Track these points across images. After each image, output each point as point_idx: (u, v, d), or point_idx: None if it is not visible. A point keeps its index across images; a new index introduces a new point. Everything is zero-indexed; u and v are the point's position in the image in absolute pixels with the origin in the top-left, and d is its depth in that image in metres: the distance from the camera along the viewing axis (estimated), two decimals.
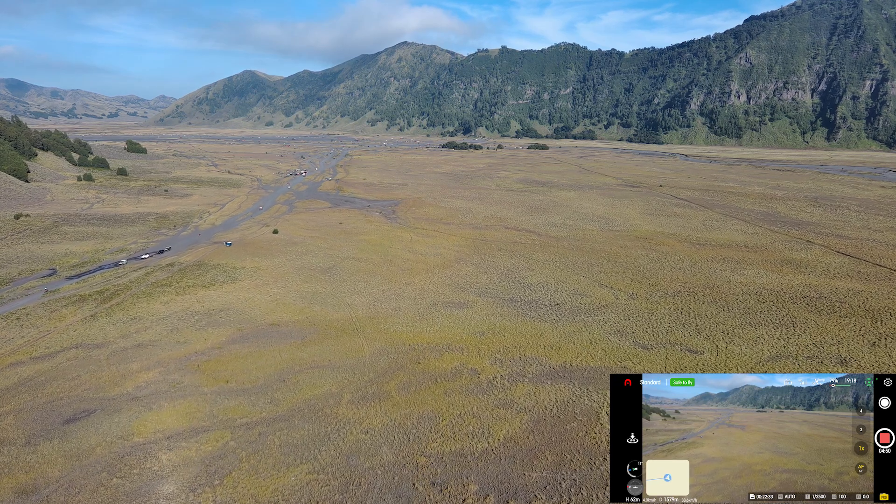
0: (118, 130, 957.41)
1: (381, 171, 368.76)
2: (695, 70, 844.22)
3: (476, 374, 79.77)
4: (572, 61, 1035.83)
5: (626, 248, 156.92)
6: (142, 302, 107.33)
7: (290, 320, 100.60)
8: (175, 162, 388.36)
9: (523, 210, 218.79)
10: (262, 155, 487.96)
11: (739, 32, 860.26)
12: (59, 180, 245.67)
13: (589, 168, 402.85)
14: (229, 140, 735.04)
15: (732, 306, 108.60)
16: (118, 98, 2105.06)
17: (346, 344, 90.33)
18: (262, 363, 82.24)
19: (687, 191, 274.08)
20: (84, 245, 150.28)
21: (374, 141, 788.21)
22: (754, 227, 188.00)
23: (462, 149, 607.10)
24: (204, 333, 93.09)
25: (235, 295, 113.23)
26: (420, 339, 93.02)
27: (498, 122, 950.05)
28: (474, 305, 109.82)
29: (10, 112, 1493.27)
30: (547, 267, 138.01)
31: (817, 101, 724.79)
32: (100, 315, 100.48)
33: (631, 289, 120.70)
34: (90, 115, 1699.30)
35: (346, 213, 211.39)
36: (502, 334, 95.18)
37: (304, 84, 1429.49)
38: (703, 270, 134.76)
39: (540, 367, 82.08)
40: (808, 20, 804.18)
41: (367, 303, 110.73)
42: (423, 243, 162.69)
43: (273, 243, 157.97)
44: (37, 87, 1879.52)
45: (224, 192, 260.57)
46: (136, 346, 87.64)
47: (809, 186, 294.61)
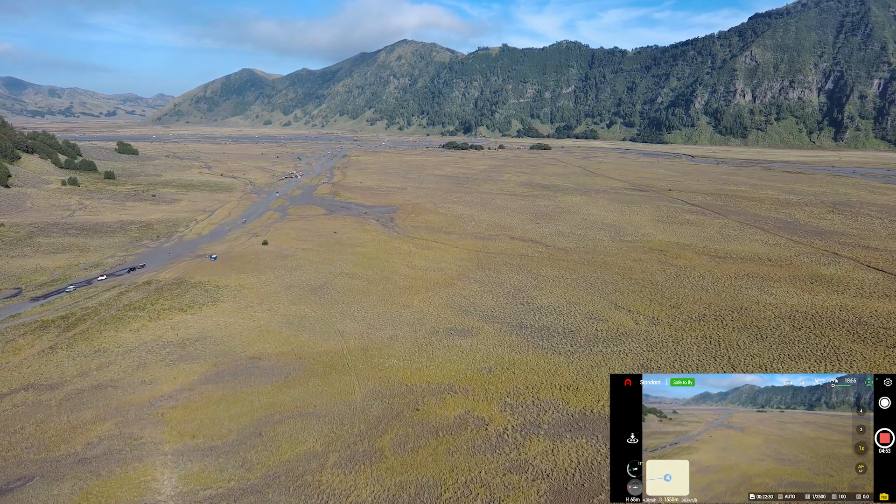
0: (115, 130, 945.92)
1: (380, 173, 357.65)
2: (699, 68, 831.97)
3: (483, 424, 68.92)
4: (574, 60, 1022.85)
5: (641, 262, 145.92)
6: (109, 330, 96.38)
7: (273, 352, 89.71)
8: (167, 164, 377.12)
9: (528, 217, 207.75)
10: (257, 156, 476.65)
11: (744, 30, 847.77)
12: (42, 185, 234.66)
13: (594, 170, 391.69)
14: (225, 140, 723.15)
15: (766, 334, 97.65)
16: (116, 97, 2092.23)
17: (334, 384, 79.46)
18: (238, 410, 71.40)
19: (698, 195, 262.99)
20: (57, 259, 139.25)
21: (374, 141, 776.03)
22: (774, 236, 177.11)
23: (463, 149, 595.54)
24: (174, 370, 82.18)
25: (215, 320, 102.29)
26: (419, 376, 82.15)
27: (499, 121, 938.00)
28: (479, 333, 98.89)
29: (7, 111, 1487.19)
30: (557, 285, 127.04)
31: (824, 100, 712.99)
32: (60, 346, 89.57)
33: (651, 312, 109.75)
34: (88, 114, 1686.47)
35: (342, 220, 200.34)
36: (512, 371, 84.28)
37: (303, 83, 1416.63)
38: (727, 289, 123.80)
39: (557, 414, 71.24)
40: (815, 18, 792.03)
41: (360, 330, 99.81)
42: (422, 256, 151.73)
43: (261, 257, 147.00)
44: (34, 86, 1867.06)
45: (215, 197, 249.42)
46: (94, 388, 76.76)
47: (824, 190, 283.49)
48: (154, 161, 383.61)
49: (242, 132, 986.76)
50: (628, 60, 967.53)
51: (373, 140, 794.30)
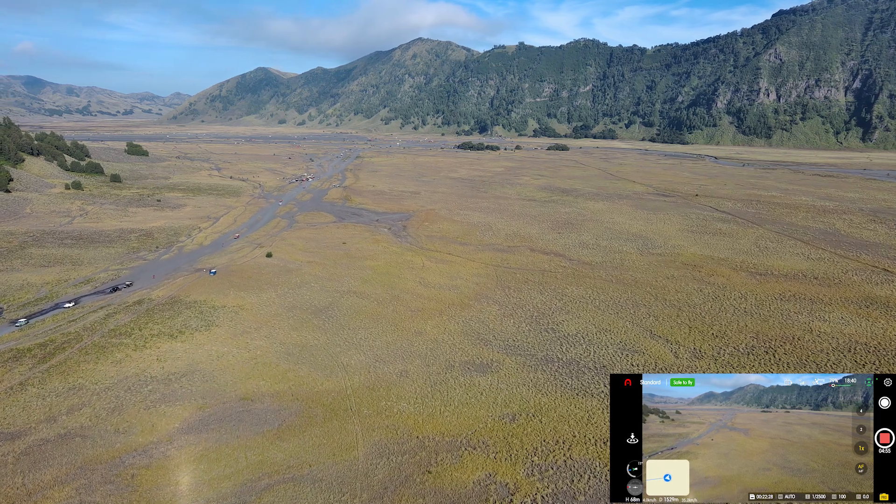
0: (129, 129, 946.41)
1: (393, 176, 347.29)
2: (721, 67, 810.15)
3: (508, 494, 58.10)
4: (592, 58, 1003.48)
5: (675, 280, 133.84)
6: (89, 361, 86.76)
7: (268, 391, 79.48)
8: (176, 165, 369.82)
9: (549, 226, 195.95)
10: (269, 157, 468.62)
11: (768, 27, 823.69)
12: (45, 189, 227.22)
13: (614, 172, 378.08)
14: (238, 140, 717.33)
15: (826, 372, 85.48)
16: (133, 95, 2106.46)
17: (334, 435, 69.01)
18: (220, 471, 61.21)
19: (727, 201, 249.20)
20: (46, 274, 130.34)
21: (388, 140, 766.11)
22: (816, 249, 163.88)
23: (478, 150, 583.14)
24: (153, 415, 72.23)
25: (206, 349, 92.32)
26: (431, 425, 71.45)
27: (515, 120, 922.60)
28: (500, 369, 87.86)
29: (25, 109, 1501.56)
30: (584, 308, 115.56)
31: (851, 99, 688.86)
32: (31, 383, 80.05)
33: (692, 342, 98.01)
34: (105, 113, 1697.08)
35: (352, 229, 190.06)
36: (539, 418, 73.23)
37: (318, 81, 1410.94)
38: (774, 314, 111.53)
39: (595, 480, 60.18)
40: (842, 14, 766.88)
41: (366, 363, 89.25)
42: (436, 271, 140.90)
43: (264, 271, 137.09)
44: (53, 85, 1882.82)
45: (221, 202, 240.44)
46: (60, 438, 67.05)
47: (861, 196, 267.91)
48: (163, 163, 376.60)
49: (256, 131, 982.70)
50: (648, 58, 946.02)
51: (387, 140, 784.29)
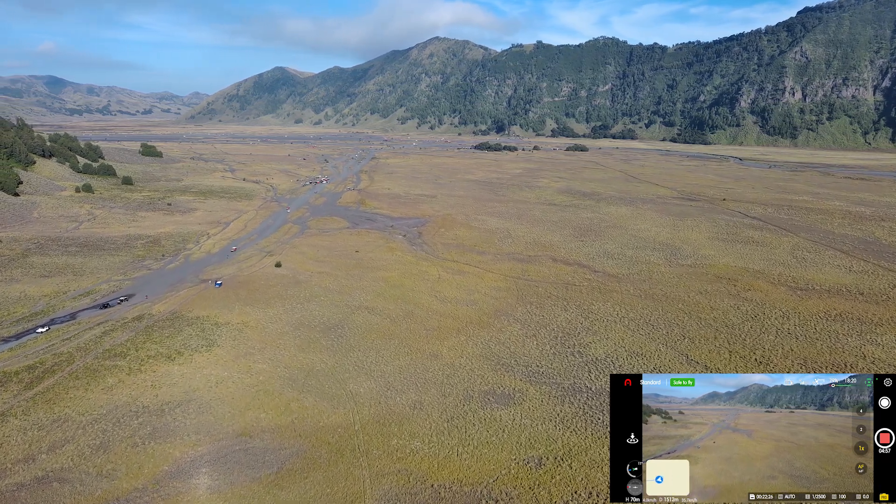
0: (147, 129, 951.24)
1: (409, 178, 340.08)
2: (744, 65, 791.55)
3: None
4: (611, 56, 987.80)
5: (708, 296, 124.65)
6: (78, 387, 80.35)
7: (269, 426, 72.37)
8: (190, 167, 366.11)
9: (571, 233, 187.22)
10: (284, 158, 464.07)
11: (793, 25, 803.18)
12: (55, 192, 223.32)
13: (636, 175, 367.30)
14: (254, 140, 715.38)
15: None
16: (152, 95, 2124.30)
17: (339, 482, 61.62)
18: None
19: (757, 206, 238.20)
20: (45, 286, 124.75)
21: (404, 140, 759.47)
22: (857, 260, 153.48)
23: (496, 150, 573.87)
24: (141, 455, 65.41)
25: (206, 374, 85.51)
26: (448, 471, 63.74)
27: (532, 120, 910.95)
28: (523, 400, 79.83)
29: (47, 109, 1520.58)
30: (612, 327, 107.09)
31: (880, 98, 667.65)
32: (14, 413, 73.77)
33: (733, 370, 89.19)
34: (125, 112, 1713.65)
35: (366, 236, 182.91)
36: (568, 463, 65.21)
37: (335, 80, 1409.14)
38: (821, 336, 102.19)
39: None
40: (871, 11, 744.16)
41: (377, 392, 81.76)
42: (453, 284, 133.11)
43: (272, 283, 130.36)
44: (73, 84, 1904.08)
45: (232, 205, 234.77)
46: (36, 483, 60.48)
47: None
48: (177, 164, 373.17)
49: (272, 131, 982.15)
50: (668, 57, 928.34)
51: (403, 140, 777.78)
